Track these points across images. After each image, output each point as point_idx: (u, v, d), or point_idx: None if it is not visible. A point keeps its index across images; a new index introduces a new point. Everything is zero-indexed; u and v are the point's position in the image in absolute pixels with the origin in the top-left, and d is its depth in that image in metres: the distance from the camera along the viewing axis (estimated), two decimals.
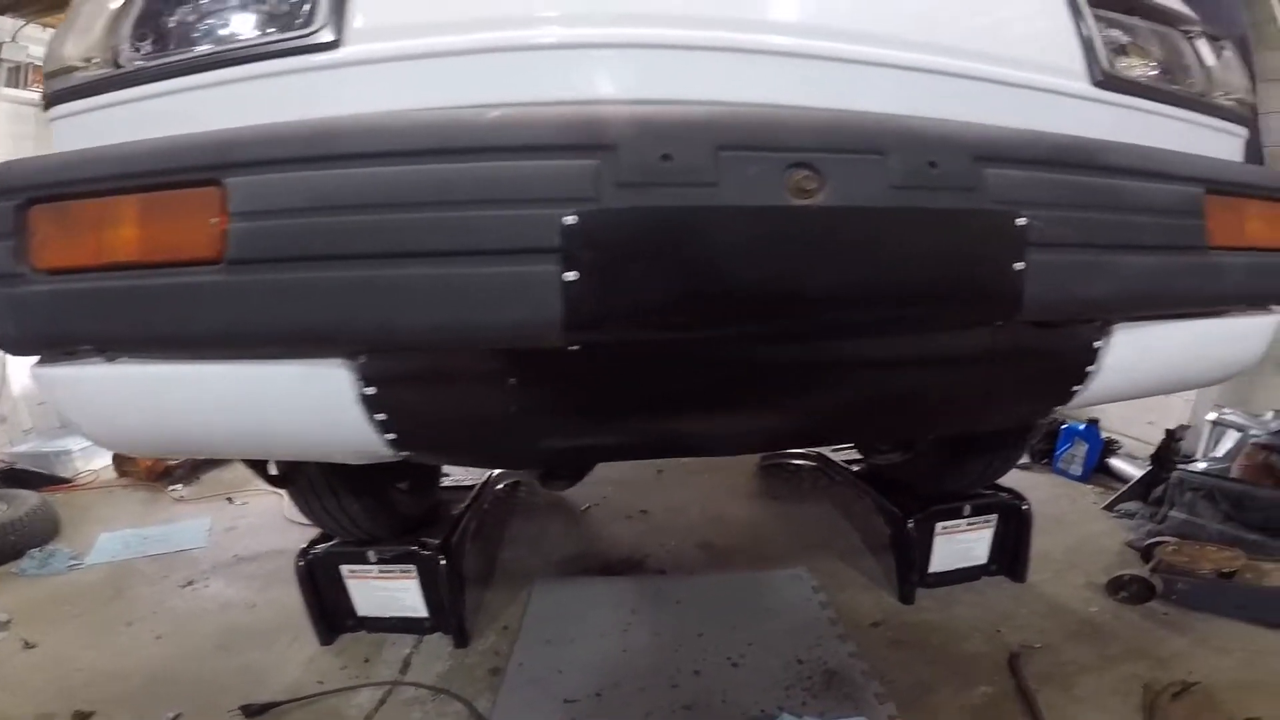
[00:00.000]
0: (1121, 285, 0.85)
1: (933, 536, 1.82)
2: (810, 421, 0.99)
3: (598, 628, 1.72)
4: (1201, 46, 1.10)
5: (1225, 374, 1.17)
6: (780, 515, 2.46)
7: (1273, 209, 1.01)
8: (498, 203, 0.67)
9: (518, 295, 0.68)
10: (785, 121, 0.73)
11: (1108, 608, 1.77)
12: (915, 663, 1.58)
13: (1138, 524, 2.17)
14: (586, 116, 0.70)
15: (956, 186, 0.74)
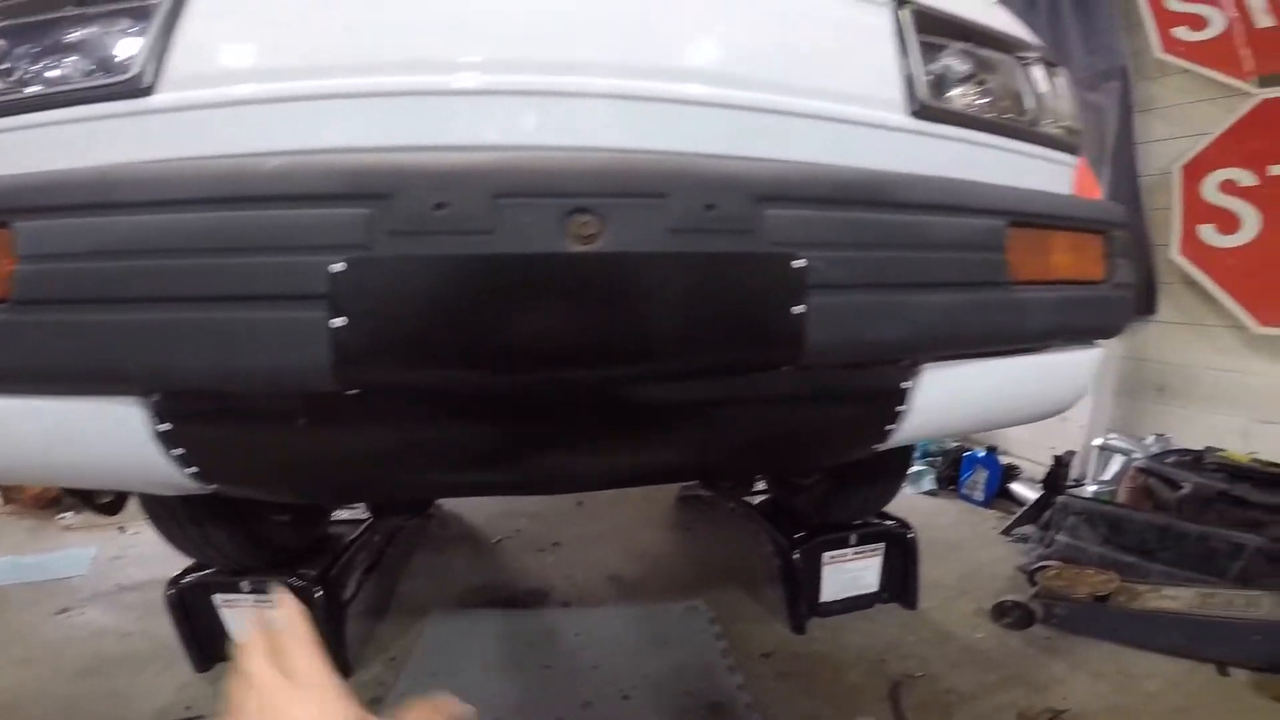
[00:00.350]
0: (915, 326, 0.84)
1: (820, 566, 1.83)
2: (609, 465, 0.98)
3: (489, 660, 1.69)
4: (1036, 73, 1.09)
5: (1054, 409, 1.18)
6: (691, 546, 2.46)
7: (1081, 240, 1.01)
8: (270, 250, 0.68)
9: (286, 341, 0.69)
10: (565, 166, 0.73)
11: (993, 634, 1.80)
12: (799, 694, 1.58)
13: (1030, 548, 2.22)
14: (361, 165, 0.70)
15: (733, 229, 0.75)
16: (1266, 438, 2.32)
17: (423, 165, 0.71)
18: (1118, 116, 2.59)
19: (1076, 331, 1.06)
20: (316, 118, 0.77)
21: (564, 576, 2.20)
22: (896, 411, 0.98)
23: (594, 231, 0.71)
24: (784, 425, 0.97)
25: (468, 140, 0.77)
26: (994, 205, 0.90)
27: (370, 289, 0.69)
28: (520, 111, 0.79)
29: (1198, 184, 2.42)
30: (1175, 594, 1.75)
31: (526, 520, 2.64)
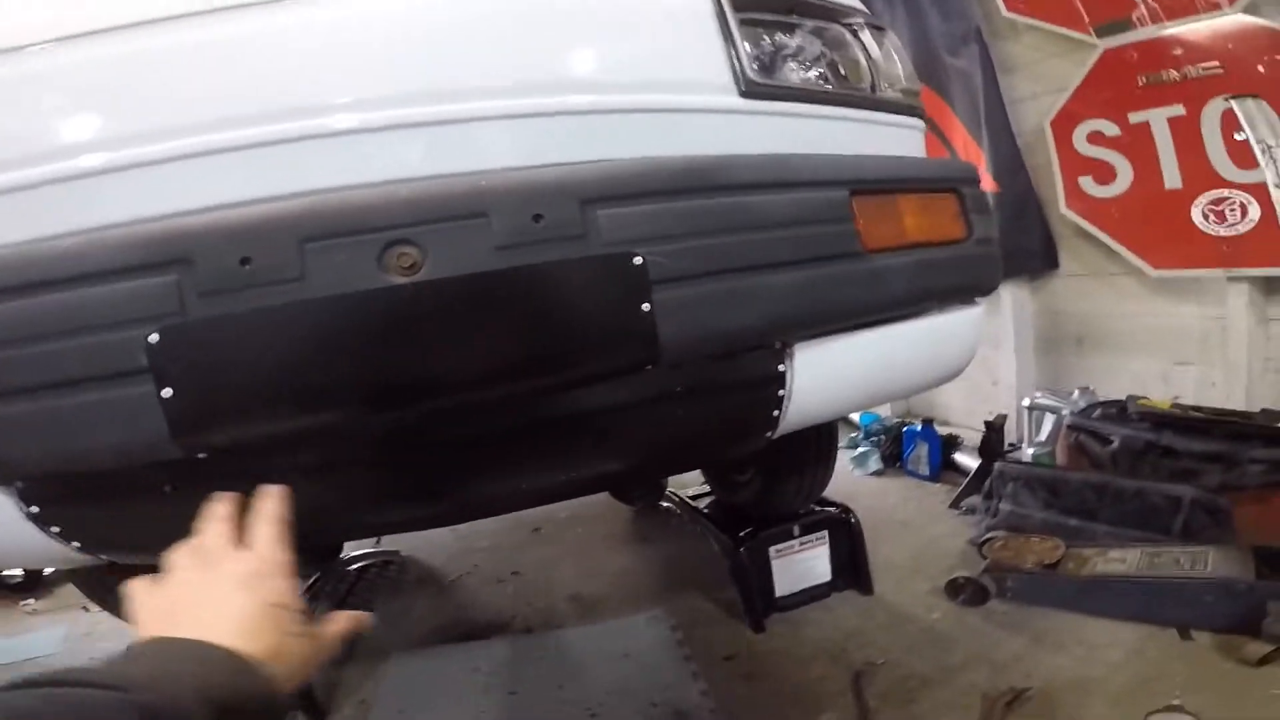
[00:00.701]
0: (772, 308, 0.84)
1: (769, 561, 1.83)
2: (493, 491, 0.95)
3: (455, 693, 1.68)
4: (866, 38, 1.09)
5: (947, 372, 1.18)
6: (649, 558, 2.43)
7: (934, 201, 1.00)
8: (84, 330, 0.67)
9: (121, 418, 0.69)
10: (374, 201, 0.72)
11: (950, 613, 1.79)
12: (763, 695, 1.57)
13: (978, 519, 2.23)
14: (158, 232, 0.70)
15: (564, 236, 0.74)
16: (1184, 380, 2.39)
17: (220, 223, 0.70)
18: (983, 79, 2.66)
19: (947, 292, 1.05)
20: (111, 191, 0.75)
21: (525, 603, 2.17)
22: (778, 396, 0.97)
23: (415, 261, 0.70)
24: (668, 425, 0.96)
25: (276, 191, 0.75)
26: (833, 176, 0.90)
27: (188, 355, 0.68)
28: (326, 154, 0.78)
29: (1069, 138, 2.49)
30: (1123, 556, 1.74)
31: (483, 555, 2.61)
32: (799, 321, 0.90)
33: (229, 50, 0.80)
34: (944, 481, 2.65)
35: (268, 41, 0.81)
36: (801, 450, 1.73)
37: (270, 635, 0.47)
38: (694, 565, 2.23)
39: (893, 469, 2.82)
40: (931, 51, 2.83)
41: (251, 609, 0.48)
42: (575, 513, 2.88)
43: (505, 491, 0.96)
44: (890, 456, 2.82)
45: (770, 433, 1.01)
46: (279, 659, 0.47)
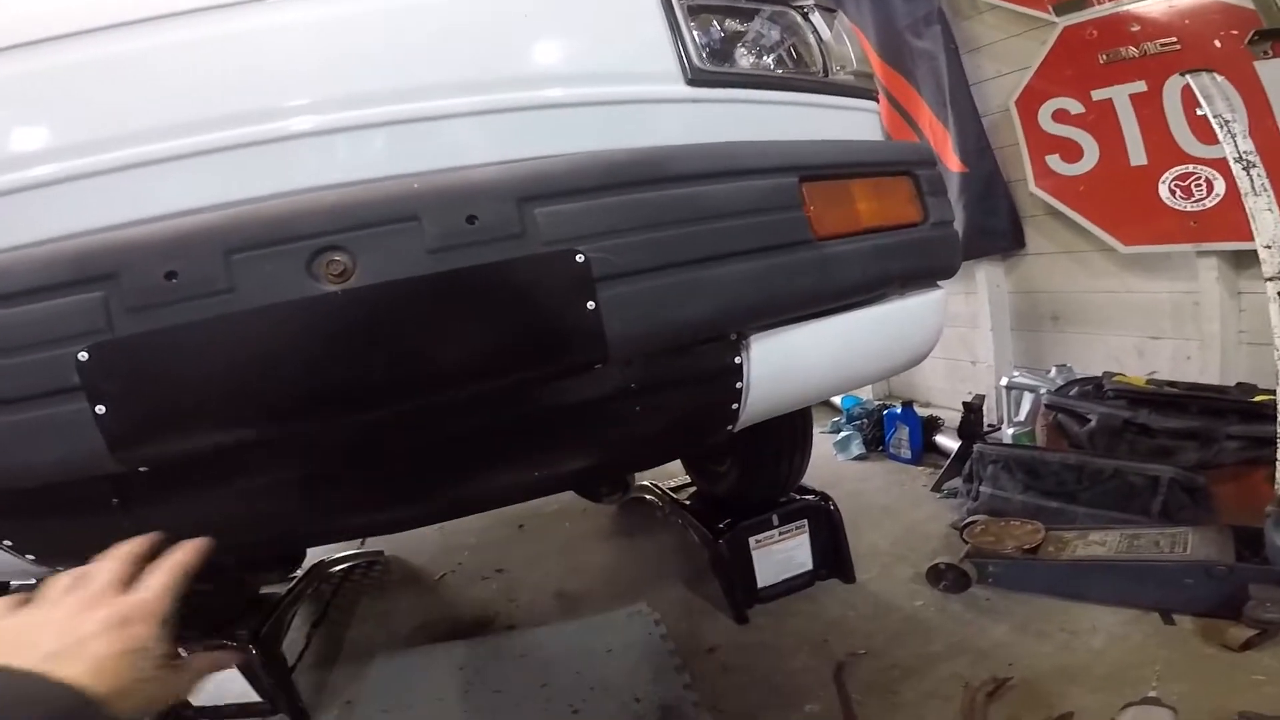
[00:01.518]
0: (721, 300, 0.82)
1: (749, 552, 1.82)
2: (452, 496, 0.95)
3: (438, 692, 1.68)
4: (816, 20, 1.08)
5: (912, 356, 1.17)
6: (633, 551, 2.43)
7: (887, 185, 0.99)
8: (16, 349, 0.67)
9: (57, 435, 0.68)
10: (300, 209, 0.71)
11: (932, 600, 1.78)
12: (745, 687, 1.57)
13: (960, 503, 2.21)
14: (82, 249, 0.69)
15: (501, 236, 0.73)
16: (1160, 354, 2.41)
17: (144, 238, 0.69)
18: (946, 60, 2.66)
19: (905, 276, 1.04)
20: (35, 207, 0.75)
21: (509, 600, 2.17)
22: (736, 389, 0.96)
23: (345, 268, 0.69)
24: (625, 422, 0.95)
25: (204, 202, 0.75)
26: (781, 163, 0.88)
27: (119, 371, 0.67)
28: (252, 163, 0.77)
29: (1034, 117, 2.50)
30: (1102, 538, 1.73)
31: (468, 552, 2.60)
32: (751, 313, 0.89)
33: (149, 62, 0.78)
34: (926, 464, 2.65)
35: (188, 52, 0.79)
36: (776, 438, 1.72)
37: (120, 678, 0.48)
38: (677, 558, 2.21)
39: (875, 453, 2.82)
40: (895, 33, 2.82)
41: (107, 652, 0.49)
42: (561, 509, 2.87)
43: (460, 494, 0.95)
44: (873, 440, 2.82)
45: (730, 426, 1.00)
46: (124, 699, 0.47)
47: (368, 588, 2.41)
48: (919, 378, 3.26)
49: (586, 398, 0.88)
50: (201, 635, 1.60)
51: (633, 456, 1.14)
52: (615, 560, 2.39)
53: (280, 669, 1.66)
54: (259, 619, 1.71)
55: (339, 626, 2.12)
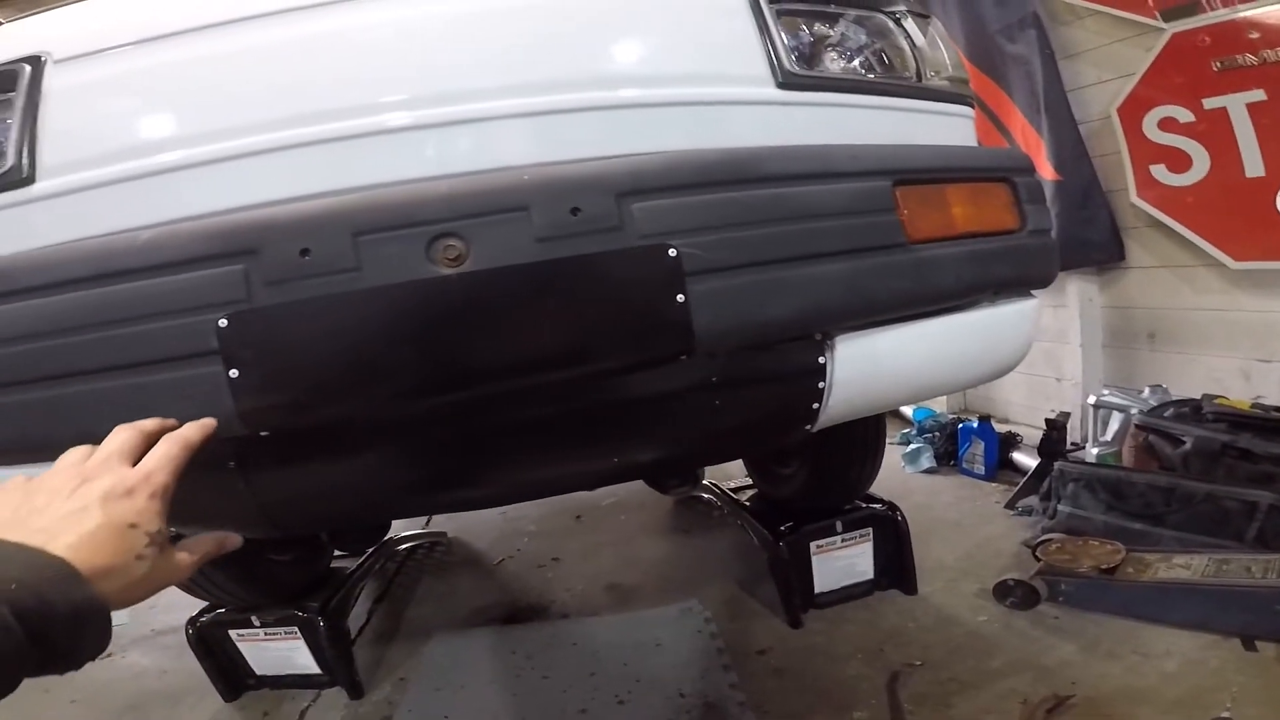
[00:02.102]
0: (810, 299, 0.83)
1: (809, 557, 1.80)
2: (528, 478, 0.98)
3: (489, 674, 1.74)
4: (910, 25, 1.07)
5: (1000, 366, 1.14)
6: (688, 549, 2.44)
7: (984, 191, 0.98)
8: (164, 314, 0.73)
9: (193, 396, 0.73)
10: (422, 196, 0.75)
11: (997, 616, 1.73)
12: (793, 690, 1.56)
13: (1034, 521, 2.14)
14: (228, 225, 0.75)
15: (600, 228, 0.75)
16: (1268, 378, 2.24)
17: (283, 217, 0.75)
18: (1042, 66, 2.56)
19: (999, 283, 1.02)
20: (190, 186, 0.82)
21: (564, 589, 2.21)
22: (818, 388, 0.96)
23: (460, 253, 0.73)
24: (705, 415, 0.96)
25: (334, 186, 0.80)
26: (875, 166, 0.89)
27: (253, 339, 0.73)
28: (379, 151, 0.82)
29: (1138, 125, 2.37)
30: (1187, 562, 1.64)
31: (527, 539, 2.67)
32: (838, 313, 0.89)
33: (293, 53, 0.85)
34: (1000, 481, 2.55)
35: (326, 44, 0.85)
36: (848, 444, 1.70)
37: (112, 554, 0.47)
38: (733, 559, 2.22)
39: (946, 467, 2.73)
40: (986, 38, 2.73)
41: (102, 526, 0.47)
42: (618, 501, 2.91)
43: (543, 476, 0.98)
44: (944, 454, 2.73)
45: (809, 425, 1.00)
46: (114, 577, 0.46)
47: (430, 568, 2.51)
48: (997, 393, 3.14)
49: (670, 389, 0.89)
50: (275, 605, 1.71)
51: (710, 450, 1.15)
52: (669, 556, 2.40)
53: (343, 642, 1.74)
54: (329, 592, 1.80)
55: (400, 604, 2.21)
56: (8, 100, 0.86)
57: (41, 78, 0.86)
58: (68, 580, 0.43)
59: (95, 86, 0.87)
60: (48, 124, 0.84)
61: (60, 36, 0.90)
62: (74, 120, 0.85)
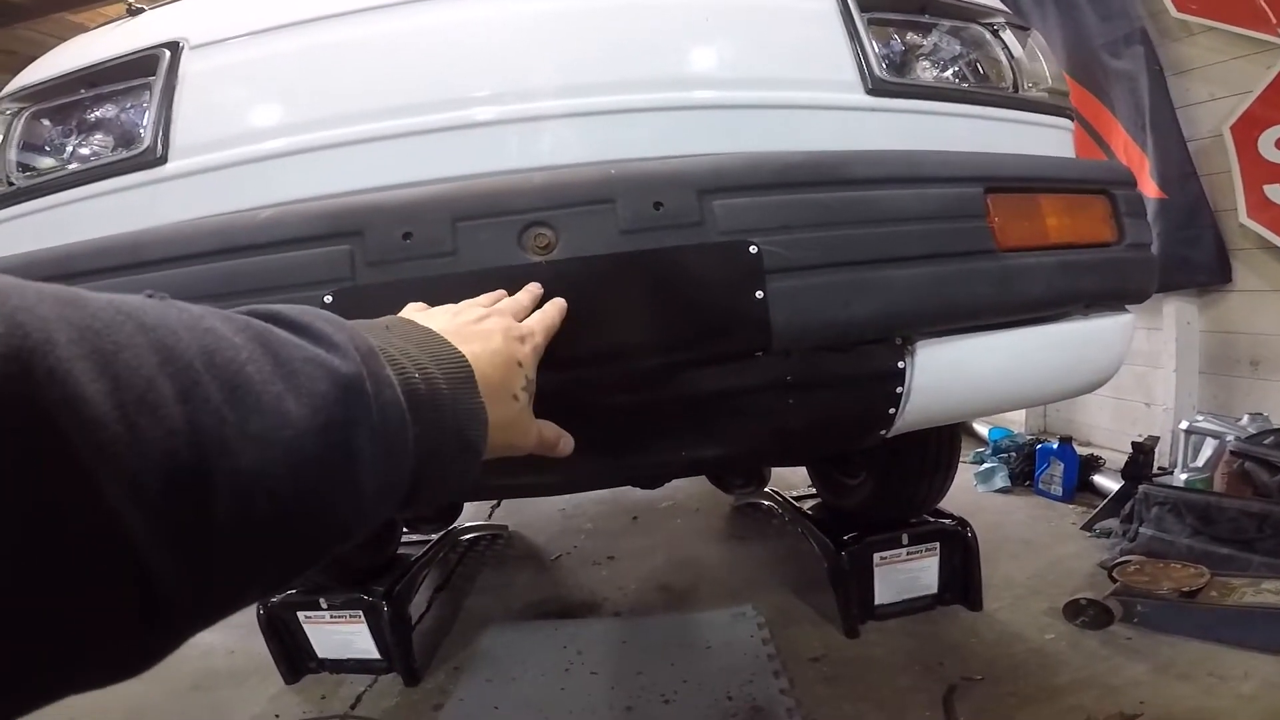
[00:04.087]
0: (891, 302, 0.83)
1: (872, 568, 1.77)
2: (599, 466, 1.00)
3: (540, 668, 1.77)
4: (1008, 38, 1.06)
5: (1088, 382, 1.09)
6: (743, 555, 2.43)
7: (1080, 202, 0.96)
8: (275, 289, 0.77)
9: None
10: (516, 187, 0.78)
11: (1065, 635, 1.67)
12: (845, 698, 1.53)
13: (1113, 543, 2.06)
14: (337, 208, 0.79)
15: (682, 223, 0.77)
16: None
17: (388, 202, 0.79)
18: (1148, 82, 2.45)
19: (1092, 296, 0.99)
20: (303, 170, 0.87)
21: (617, 588, 2.24)
22: (895, 393, 0.95)
23: (549, 241, 0.76)
24: (779, 414, 0.96)
25: (433, 175, 0.84)
26: (964, 173, 0.88)
27: (355, 315, 0.75)
28: (476, 143, 0.86)
29: (1253, 143, 2.24)
30: (1276, 587, 1.57)
31: (584, 537, 2.71)
32: (920, 317, 0.88)
33: (389, 46, 0.90)
34: (1078, 503, 2.44)
35: (422, 39, 0.90)
36: (919, 457, 1.66)
37: (501, 378, 0.48)
38: (790, 566, 2.21)
39: (1021, 487, 2.63)
40: (1088, 52, 2.64)
41: (500, 350, 0.49)
42: (674, 505, 2.93)
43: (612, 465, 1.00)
44: (1020, 475, 2.63)
45: (885, 430, 0.99)
46: (495, 401, 0.45)
47: (490, 560, 2.57)
48: (1081, 415, 3.00)
49: (745, 385, 0.90)
50: (343, 588, 1.75)
51: (780, 449, 1.14)
52: (724, 561, 2.39)
53: (404, 629, 1.77)
54: (394, 578, 1.84)
55: (459, 594, 2.27)
56: (147, 84, 0.92)
57: (179, 63, 0.92)
58: (467, 381, 0.42)
59: (224, 72, 0.93)
60: (181, 107, 0.90)
61: (195, 24, 0.96)
62: (204, 104, 0.91)
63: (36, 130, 0.99)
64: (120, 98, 0.95)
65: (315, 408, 0.29)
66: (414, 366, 0.38)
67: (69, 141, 0.99)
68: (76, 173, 0.94)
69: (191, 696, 1.81)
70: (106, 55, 0.97)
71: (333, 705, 1.70)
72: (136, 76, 0.94)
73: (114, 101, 0.95)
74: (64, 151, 0.99)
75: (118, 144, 0.96)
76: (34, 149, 0.99)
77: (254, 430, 0.26)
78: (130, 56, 0.95)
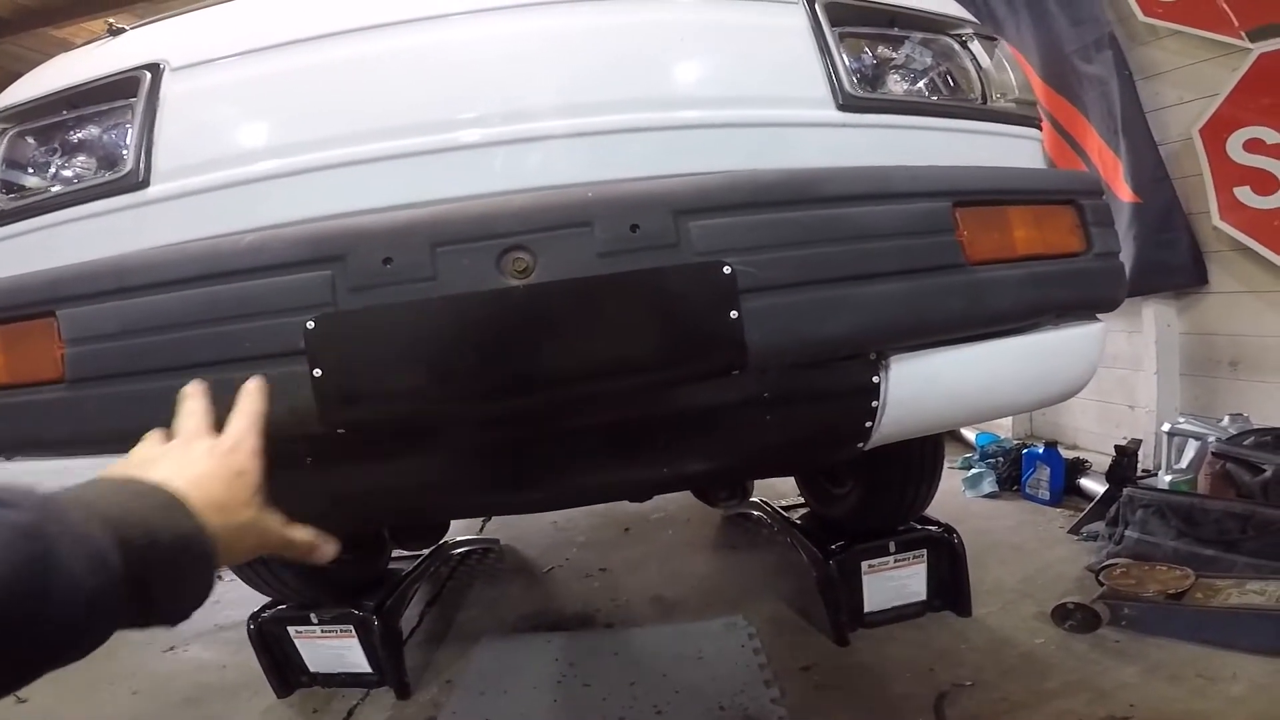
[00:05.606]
0: (864, 318, 0.84)
1: (860, 576, 1.78)
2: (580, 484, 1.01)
3: (533, 680, 1.77)
4: (975, 48, 1.07)
5: (1063, 390, 1.12)
6: (734, 565, 2.43)
7: (1047, 213, 0.97)
8: (258, 315, 0.78)
9: (280, 392, 0.76)
10: (494, 210, 0.80)
11: (1055, 639, 1.68)
12: (838, 706, 1.54)
13: (1100, 546, 2.07)
14: (319, 232, 0.80)
15: (658, 245, 0.79)
16: None
17: (369, 227, 0.79)
18: (1119, 86, 2.48)
19: (1061, 307, 1.01)
20: (286, 194, 0.88)
21: (609, 600, 2.24)
22: (871, 407, 0.96)
23: (527, 265, 0.77)
24: (757, 429, 0.98)
25: (417, 197, 0.85)
26: (934, 188, 0.89)
27: (337, 341, 0.77)
28: (458, 165, 0.87)
29: (1222, 146, 2.27)
30: (1262, 588, 1.58)
31: (576, 549, 2.71)
32: (893, 333, 0.89)
33: (370, 69, 0.91)
34: (1065, 507, 2.46)
35: (402, 61, 0.91)
36: (904, 465, 1.68)
37: (224, 493, 0.48)
38: (780, 576, 2.21)
39: (1008, 492, 2.64)
40: (1061, 57, 2.67)
41: (209, 465, 0.49)
42: (666, 516, 2.93)
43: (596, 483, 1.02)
44: (1007, 479, 2.64)
45: (861, 443, 1.01)
46: (224, 513, 0.46)
47: (482, 573, 2.56)
48: (1066, 419, 3.03)
49: (722, 402, 0.91)
50: (333, 602, 1.74)
51: (759, 463, 1.16)
52: (715, 571, 2.40)
53: (395, 643, 1.77)
54: (385, 593, 1.84)
55: (450, 608, 2.26)
56: (128, 105, 0.92)
57: (160, 85, 0.92)
58: (176, 509, 0.43)
59: (206, 95, 0.93)
60: (163, 130, 0.91)
61: (176, 45, 0.97)
62: (186, 127, 0.92)
63: (20, 150, 1.00)
64: (102, 119, 0.95)
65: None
66: (112, 506, 0.40)
67: (53, 161, 0.99)
68: (60, 195, 0.94)
69: (184, 710, 1.80)
70: (88, 76, 0.97)
71: (325, 719, 1.69)
72: (118, 98, 0.95)
73: (96, 123, 0.96)
74: (48, 172, 0.99)
75: (100, 166, 0.96)
76: (17, 169, 0.99)
77: None
78: (111, 78, 0.95)
